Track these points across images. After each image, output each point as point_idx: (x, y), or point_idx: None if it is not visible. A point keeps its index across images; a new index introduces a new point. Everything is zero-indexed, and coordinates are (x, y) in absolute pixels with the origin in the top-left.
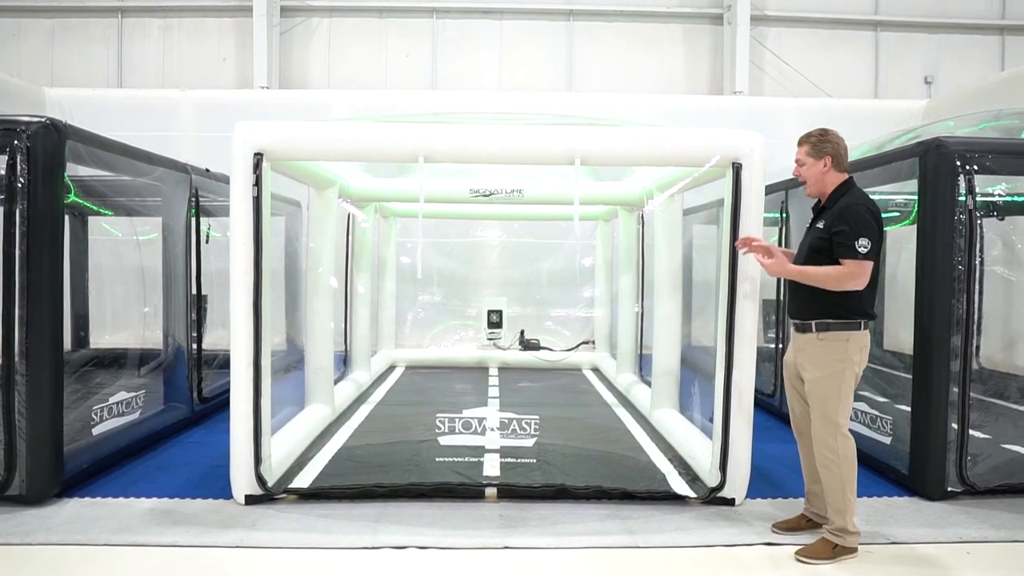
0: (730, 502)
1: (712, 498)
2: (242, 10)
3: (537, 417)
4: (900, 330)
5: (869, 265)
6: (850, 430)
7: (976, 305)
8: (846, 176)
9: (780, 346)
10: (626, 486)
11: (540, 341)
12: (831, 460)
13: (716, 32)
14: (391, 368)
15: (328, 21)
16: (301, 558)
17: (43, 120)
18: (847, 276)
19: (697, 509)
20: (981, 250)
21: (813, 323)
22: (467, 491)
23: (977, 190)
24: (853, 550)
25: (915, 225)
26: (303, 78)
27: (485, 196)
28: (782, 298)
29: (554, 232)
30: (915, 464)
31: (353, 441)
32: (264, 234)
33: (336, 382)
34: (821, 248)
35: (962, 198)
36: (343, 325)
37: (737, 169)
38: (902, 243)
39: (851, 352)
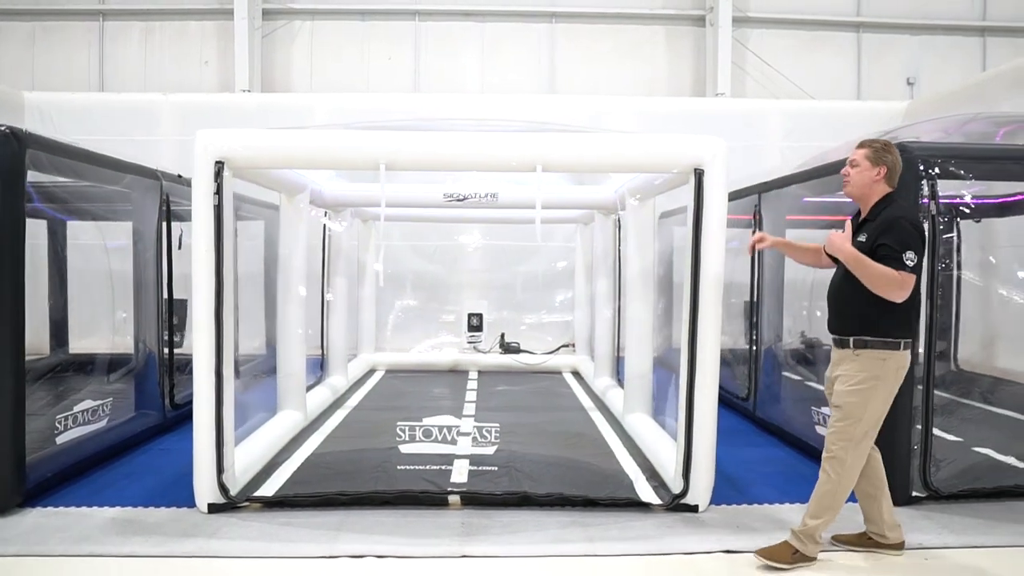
0: (693, 509)
1: (675, 505)
2: (224, 13)
3: (498, 425)
4: None
5: (913, 279)
6: (817, 434)
7: (954, 309)
8: (891, 191)
9: (754, 347)
10: (589, 493)
11: (520, 344)
12: (836, 470)
13: (698, 34)
14: (371, 372)
15: (310, 24)
16: (258, 567)
17: (3, 128)
18: (896, 283)
19: (660, 516)
20: (959, 250)
21: (851, 339)
22: (430, 499)
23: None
24: (812, 559)
25: None
26: (285, 81)
27: (459, 200)
28: (754, 299)
29: (534, 235)
30: None
31: (324, 447)
32: (226, 242)
33: (312, 387)
34: None
35: (925, 202)
36: (319, 330)
37: (699, 175)
38: None
39: (886, 371)
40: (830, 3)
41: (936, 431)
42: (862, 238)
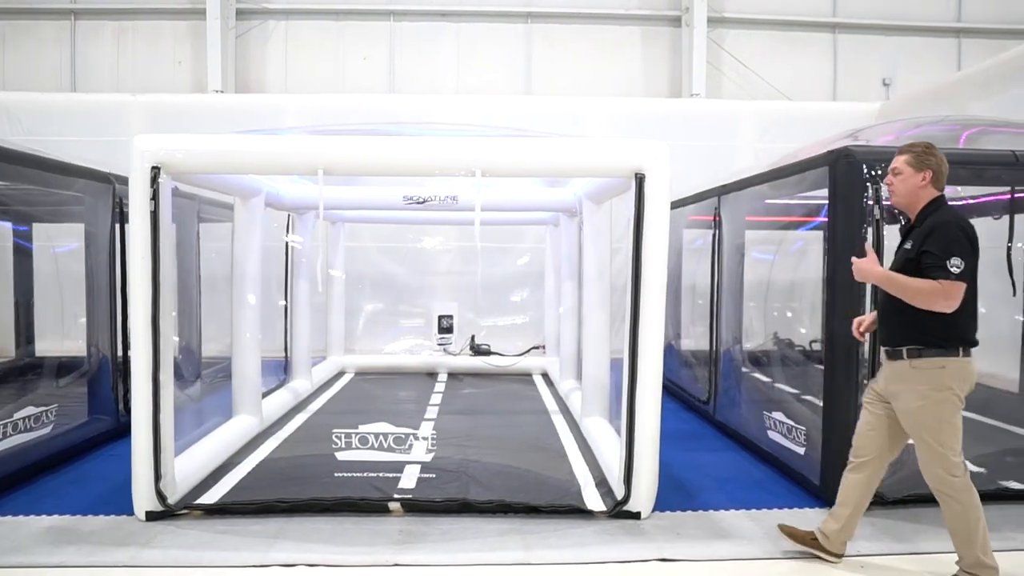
0: (636, 516)
1: (618, 512)
2: (197, 13)
3: (434, 432)
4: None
5: (962, 286)
6: (770, 439)
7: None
8: (939, 194)
9: (714, 348)
10: (532, 500)
11: (491, 346)
12: (947, 494)
13: (675, 34)
14: (340, 374)
15: (285, 24)
16: None
17: None
18: (938, 293)
19: (602, 523)
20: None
21: (904, 349)
22: (369, 506)
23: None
24: None
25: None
26: (260, 81)
27: (419, 203)
28: (714, 302)
29: (506, 237)
30: (825, 475)
31: (277, 452)
32: (163, 247)
33: (273, 391)
34: (908, 271)
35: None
36: (283, 333)
37: (640, 179)
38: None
39: (948, 380)
40: (806, 4)
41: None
42: (908, 245)
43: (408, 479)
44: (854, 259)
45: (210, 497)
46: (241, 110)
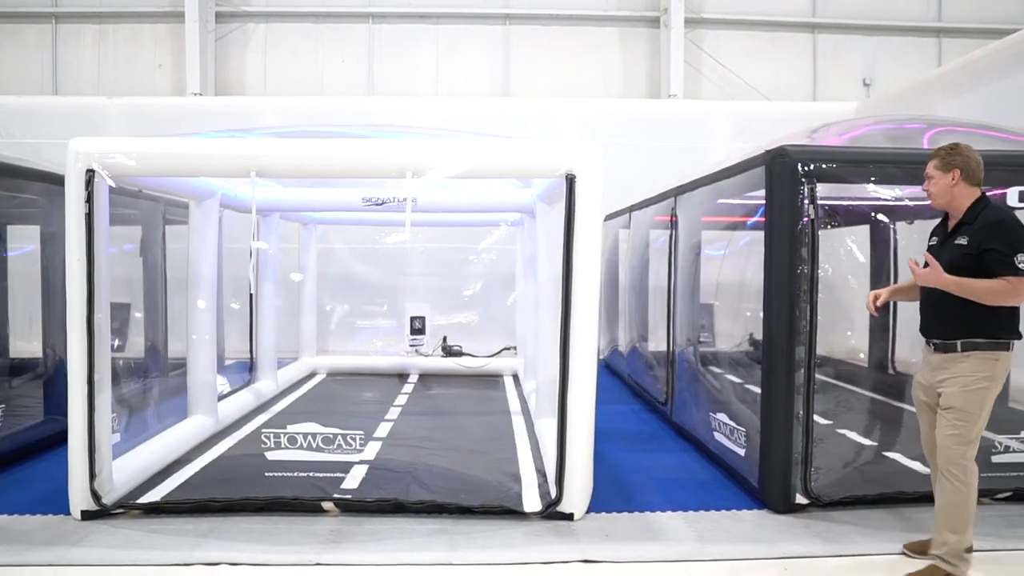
0: (569, 517)
1: (551, 513)
2: (177, 16)
3: (362, 432)
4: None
5: None
6: (716, 441)
7: (891, 310)
8: (980, 191)
9: (671, 350)
10: (461, 501)
11: (463, 348)
12: (958, 478)
13: (653, 35)
14: (311, 375)
15: (264, 27)
16: (110, 575)
17: None
18: (1009, 291)
19: (533, 524)
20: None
21: (959, 343)
22: (303, 506)
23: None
24: None
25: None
26: (240, 84)
27: (378, 205)
28: (670, 303)
29: (478, 238)
30: (763, 477)
31: (231, 452)
32: (99, 249)
33: (235, 392)
34: (966, 265)
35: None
36: (248, 334)
37: (571, 180)
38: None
39: (998, 372)
40: (786, 4)
41: (852, 434)
42: (962, 240)
43: (353, 479)
44: (917, 270)
45: (152, 496)
46: (218, 113)
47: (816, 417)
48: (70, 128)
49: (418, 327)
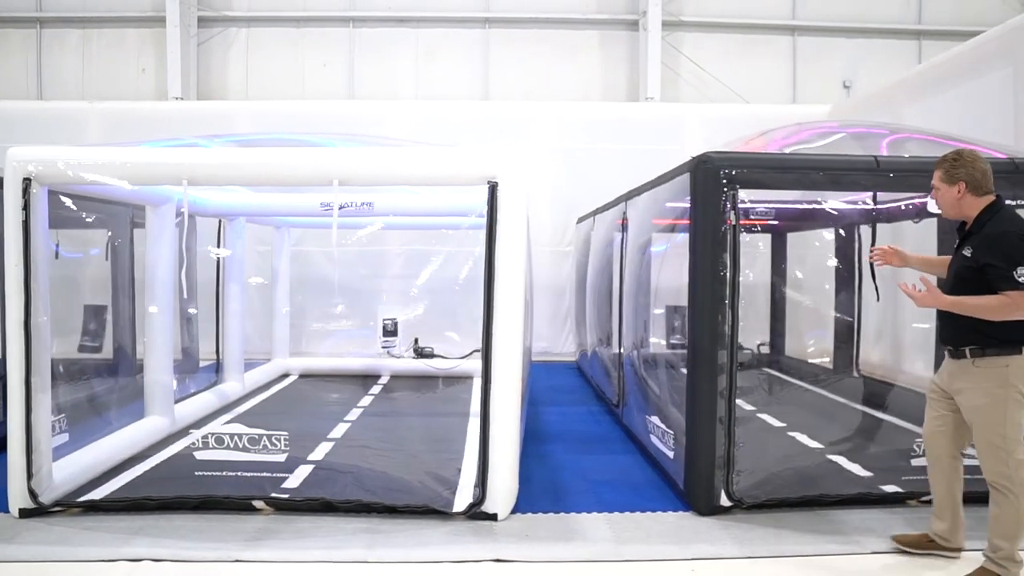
0: (492, 517)
1: (475, 513)
2: (161, 21)
3: (286, 433)
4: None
5: None
6: (652, 442)
7: (856, 314)
8: (990, 198)
9: (621, 351)
10: (386, 500)
11: (434, 349)
12: (1004, 487)
13: (633, 38)
14: (284, 376)
15: (246, 31)
16: (36, 570)
17: None
18: (1008, 307)
19: (456, 524)
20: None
21: (967, 349)
22: (234, 504)
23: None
24: None
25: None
26: (222, 88)
27: (337, 209)
28: (620, 306)
29: (446, 241)
30: (688, 479)
31: (185, 452)
32: (36, 255)
33: (198, 393)
34: (968, 277)
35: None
36: (215, 336)
37: (493, 187)
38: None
39: (1012, 378)
40: (765, 7)
41: (799, 436)
42: (967, 251)
43: (295, 479)
44: (915, 294)
45: (96, 495)
46: (197, 117)
47: (768, 417)
48: (50, 133)
49: (390, 329)
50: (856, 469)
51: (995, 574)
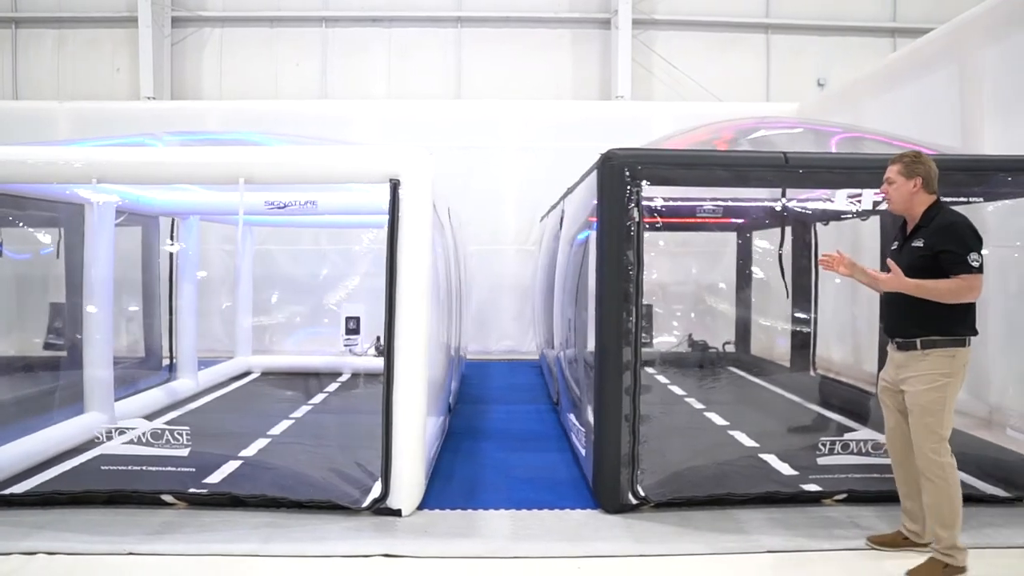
0: (397, 512)
1: (380, 509)
2: (135, 21)
3: (188, 428)
4: None
5: (982, 278)
6: (573, 440)
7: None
8: (935, 198)
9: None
10: (289, 495)
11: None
12: (937, 475)
13: (605, 37)
14: (246, 374)
15: (220, 31)
16: None
17: None
18: (965, 289)
19: (359, 519)
20: (816, 253)
21: (918, 340)
22: (141, 498)
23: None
24: (963, 569)
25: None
26: (196, 88)
27: (280, 208)
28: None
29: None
30: (595, 477)
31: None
32: None
33: (146, 390)
34: (922, 267)
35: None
36: (168, 334)
37: (395, 185)
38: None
39: (956, 367)
40: (739, 5)
41: (738, 434)
42: (919, 243)
43: (219, 474)
44: (879, 275)
45: (20, 489)
46: (168, 117)
47: (713, 416)
48: (20, 132)
49: (352, 327)
50: (784, 468)
51: (943, 563)
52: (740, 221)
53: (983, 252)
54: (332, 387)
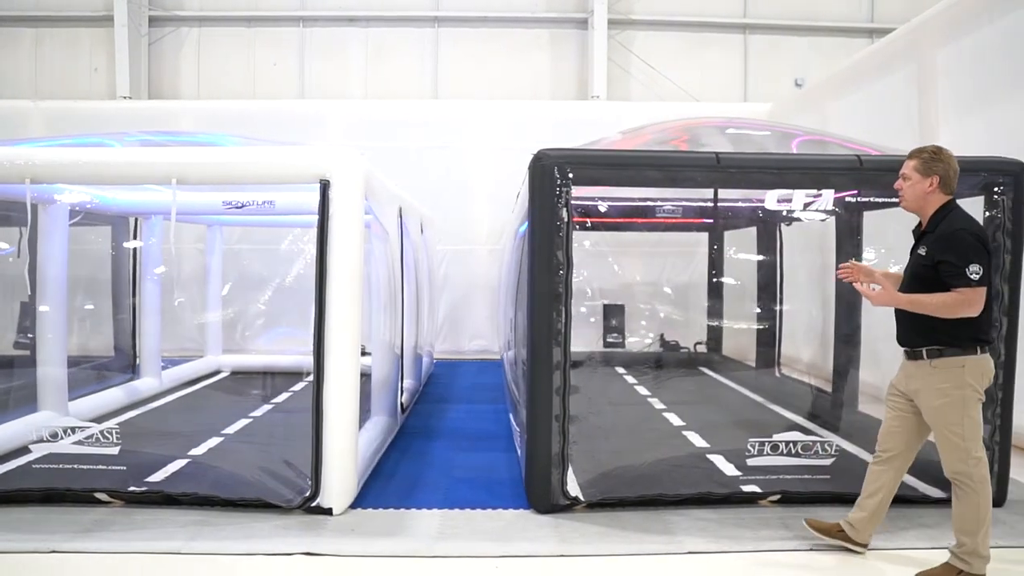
0: (328, 511)
1: (312, 507)
2: (112, 20)
3: (117, 427)
4: None
5: (983, 291)
6: (515, 442)
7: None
8: (949, 198)
9: (505, 354)
10: (220, 493)
11: (365, 346)
12: (966, 484)
13: (582, 37)
14: (215, 373)
15: (197, 31)
16: None
17: None
18: (962, 303)
19: (291, 518)
20: (782, 253)
21: (924, 350)
22: (75, 496)
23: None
24: None
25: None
26: (173, 88)
27: (238, 208)
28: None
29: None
30: (527, 477)
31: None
32: None
33: (107, 388)
34: (924, 276)
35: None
36: (131, 333)
37: (324, 186)
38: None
39: (968, 378)
40: (717, 5)
41: (691, 435)
42: (922, 251)
43: (163, 473)
44: (869, 293)
45: None
46: (143, 117)
47: (671, 417)
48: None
49: None
50: (729, 468)
51: (959, 569)
52: (673, 220)
53: (988, 262)
54: (298, 386)
